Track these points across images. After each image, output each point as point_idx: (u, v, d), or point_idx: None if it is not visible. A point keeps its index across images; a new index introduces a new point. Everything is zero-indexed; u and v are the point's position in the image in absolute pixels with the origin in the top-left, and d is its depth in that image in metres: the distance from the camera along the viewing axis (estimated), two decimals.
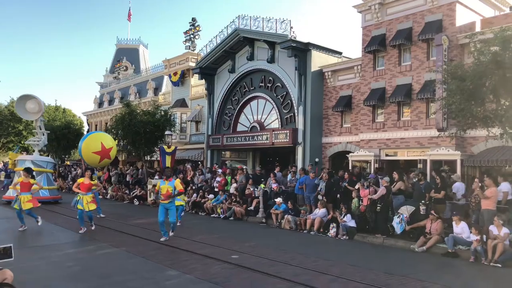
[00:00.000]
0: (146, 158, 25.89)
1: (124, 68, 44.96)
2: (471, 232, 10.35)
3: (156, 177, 23.32)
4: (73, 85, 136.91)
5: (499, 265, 9.34)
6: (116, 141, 26.39)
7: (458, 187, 13.11)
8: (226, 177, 19.10)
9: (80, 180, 13.25)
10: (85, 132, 45.25)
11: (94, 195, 13.90)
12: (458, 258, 10.18)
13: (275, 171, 17.72)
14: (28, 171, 13.32)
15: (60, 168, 37.00)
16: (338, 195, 14.55)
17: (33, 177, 13.63)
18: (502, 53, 10.18)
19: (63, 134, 35.32)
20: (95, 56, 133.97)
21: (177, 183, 11.55)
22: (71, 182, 31.05)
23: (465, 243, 10.44)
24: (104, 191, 24.70)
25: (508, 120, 10.24)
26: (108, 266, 8.38)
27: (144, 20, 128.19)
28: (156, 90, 36.23)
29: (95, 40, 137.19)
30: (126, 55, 46.90)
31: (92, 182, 13.40)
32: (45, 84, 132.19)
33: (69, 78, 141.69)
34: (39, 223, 12.92)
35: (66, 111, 47.24)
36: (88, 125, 44.55)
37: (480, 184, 11.39)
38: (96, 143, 16.63)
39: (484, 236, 10.06)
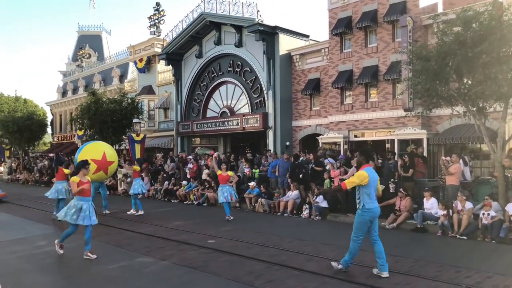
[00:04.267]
0: (114, 148, 25.34)
1: (87, 55, 43.52)
2: (439, 208, 10.78)
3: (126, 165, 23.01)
4: (34, 75, 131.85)
5: (465, 237, 9.80)
6: (83, 130, 25.74)
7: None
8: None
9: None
10: (49, 123, 43.83)
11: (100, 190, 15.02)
12: (427, 232, 10.59)
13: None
14: None
15: (25, 160, 35.84)
16: (301, 175, 14.69)
17: None
18: (464, 33, 10.46)
19: (26, 126, 34.05)
20: (56, 44, 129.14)
21: None
22: (37, 175, 30.18)
23: (433, 218, 10.87)
24: None
25: (471, 98, 10.60)
26: (81, 257, 8.25)
27: (105, 6, 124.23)
28: (122, 78, 35.35)
29: (55, 27, 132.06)
30: (89, 42, 45.36)
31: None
32: (2, 74, 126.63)
33: (29, 67, 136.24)
34: None
35: (27, 101, 45.48)
36: (52, 115, 43.11)
37: (447, 160, 11.87)
38: (98, 151, 14.19)
39: (450, 211, 10.50)
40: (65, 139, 39.89)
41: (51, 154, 36.99)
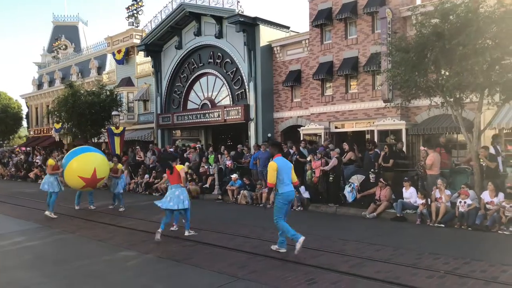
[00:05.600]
0: (93, 140, 24.98)
1: (64, 47, 42.51)
2: (418, 197, 11.01)
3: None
4: (7, 67, 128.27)
5: (443, 225, 10.06)
6: (60, 123, 25.25)
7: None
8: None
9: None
10: (24, 116, 42.79)
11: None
12: (406, 221, 10.83)
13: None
14: None
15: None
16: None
17: None
18: (442, 25, 10.63)
19: (0, 119, 33.20)
20: (30, 35, 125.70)
21: None
22: (13, 169, 29.51)
23: (412, 207, 11.10)
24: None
25: (448, 89, 10.80)
26: (63, 252, 8.14)
27: None
28: (100, 69, 34.71)
29: (29, 17, 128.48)
30: (65, 33, 44.31)
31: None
32: None
33: (2, 59, 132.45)
34: None
35: (1, 94, 44.25)
36: (28, 108, 42.08)
37: (424, 150, 12.16)
38: (89, 167, 12.45)
39: (429, 200, 10.74)
40: (42, 132, 39.03)
41: (28, 148, 36.26)
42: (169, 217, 9.24)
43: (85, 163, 12.71)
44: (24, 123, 43.14)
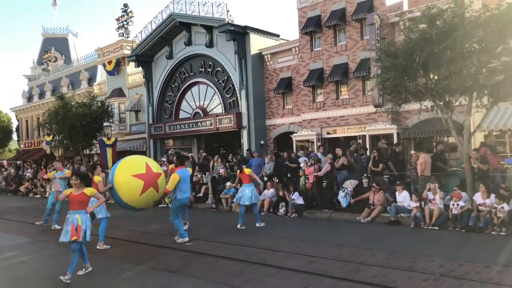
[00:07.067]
0: (85, 152, 24.80)
1: (54, 59, 42.32)
2: (411, 200, 11.07)
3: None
4: None
5: (436, 228, 10.12)
6: (51, 136, 25.03)
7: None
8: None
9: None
10: (14, 129, 42.38)
11: None
12: (400, 225, 10.88)
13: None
14: None
15: None
16: (289, 174, 14.89)
17: None
18: (429, 30, 10.78)
19: None
20: (19, 47, 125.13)
21: None
22: (3, 183, 29.22)
23: (406, 210, 11.15)
24: (42, 189, 23.56)
25: (438, 93, 10.93)
26: (57, 266, 8.04)
27: (71, 7, 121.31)
28: (90, 81, 34.56)
29: (18, 29, 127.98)
30: (55, 45, 44.11)
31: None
32: None
33: None
34: None
35: None
36: (18, 121, 41.72)
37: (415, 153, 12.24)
38: (139, 163, 10.14)
39: (423, 203, 10.80)
40: (33, 145, 38.68)
41: (18, 162, 35.91)
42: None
43: (133, 162, 10.43)
44: (15, 136, 42.74)
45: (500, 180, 11.31)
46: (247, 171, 11.39)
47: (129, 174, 9.56)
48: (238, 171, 11.70)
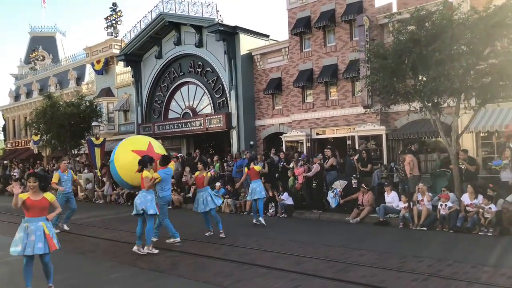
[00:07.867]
0: (73, 152, 24.55)
1: (41, 58, 41.81)
2: (400, 200, 11.15)
3: (86, 170, 22.35)
4: None
5: (425, 228, 10.20)
6: (39, 135, 24.75)
7: None
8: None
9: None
10: (0, 128, 41.78)
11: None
12: (389, 225, 10.95)
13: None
14: None
15: None
16: (277, 175, 14.89)
17: None
18: (418, 32, 10.87)
19: None
20: (6, 46, 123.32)
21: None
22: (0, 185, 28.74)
23: (394, 211, 11.23)
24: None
25: (426, 94, 11.02)
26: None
27: (59, 6, 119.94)
28: (79, 80, 34.21)
29: (4, 27, 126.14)
30: (42, 44, 43.56)
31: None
32: None
33: None
34: None
35: None
36: (5, 120, 41.14)
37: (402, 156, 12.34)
38: (143, 141, 10.37)
39: (411, 203, 10.89)
40: (20, 145, 38.18)
41: (5, 161, 35.39)
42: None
43: (137, 138, 11.15)
44: (1, 136, 42.14)
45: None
46: (257, 168, 11.62)
47: (129, 149, 9.97)
48: (246, 168, 11.88)
